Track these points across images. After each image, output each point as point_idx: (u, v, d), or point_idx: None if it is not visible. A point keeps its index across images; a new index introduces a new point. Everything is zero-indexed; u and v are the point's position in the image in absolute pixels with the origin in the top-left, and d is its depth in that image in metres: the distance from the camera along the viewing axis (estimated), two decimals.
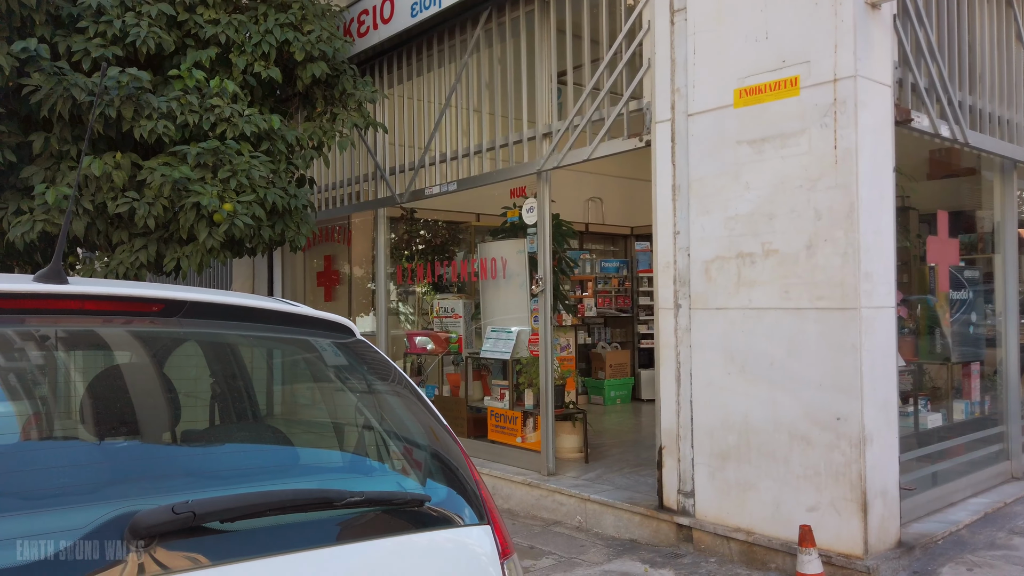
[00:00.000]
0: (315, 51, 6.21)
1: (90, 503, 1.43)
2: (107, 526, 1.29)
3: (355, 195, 8.31)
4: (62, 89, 5.29)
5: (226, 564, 1.36)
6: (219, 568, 1.35)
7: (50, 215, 5.45)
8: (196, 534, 1.35)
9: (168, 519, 1.29)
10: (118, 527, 1.28)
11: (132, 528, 1.27)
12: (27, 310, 1.65)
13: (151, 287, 1.89)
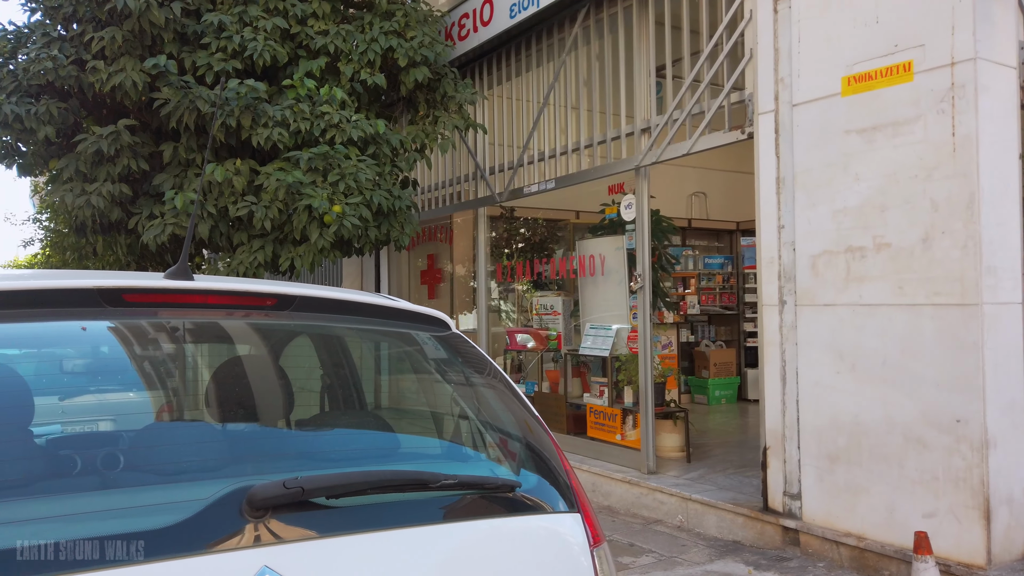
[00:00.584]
0: (417, 56, 6.41)
1: (213, 479, 1.57)
2: (227, 499, 1.41)
3: (456, 195, 8.50)
4: (188, 102, 5.71)
5: (330, 537, 1.46)
6: (324, 540, 1.45)
7: (179, 219, 5.88)
8: (304, 508, 1.46)
9: (279, 493, 1.40)
10: (236, 500, 1.40)
11: (249, 500, 1.39)
12: (159, 304, 1.82)
13: (265, 283, 2.05)
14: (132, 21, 5.67)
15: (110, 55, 5.82)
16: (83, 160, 6.00)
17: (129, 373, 1.88)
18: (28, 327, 1.70)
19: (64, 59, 5.82)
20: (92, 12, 5.80)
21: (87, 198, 6.01)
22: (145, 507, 1.48)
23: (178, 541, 1.35)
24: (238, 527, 1.38)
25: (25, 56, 6.17)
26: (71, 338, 1.82)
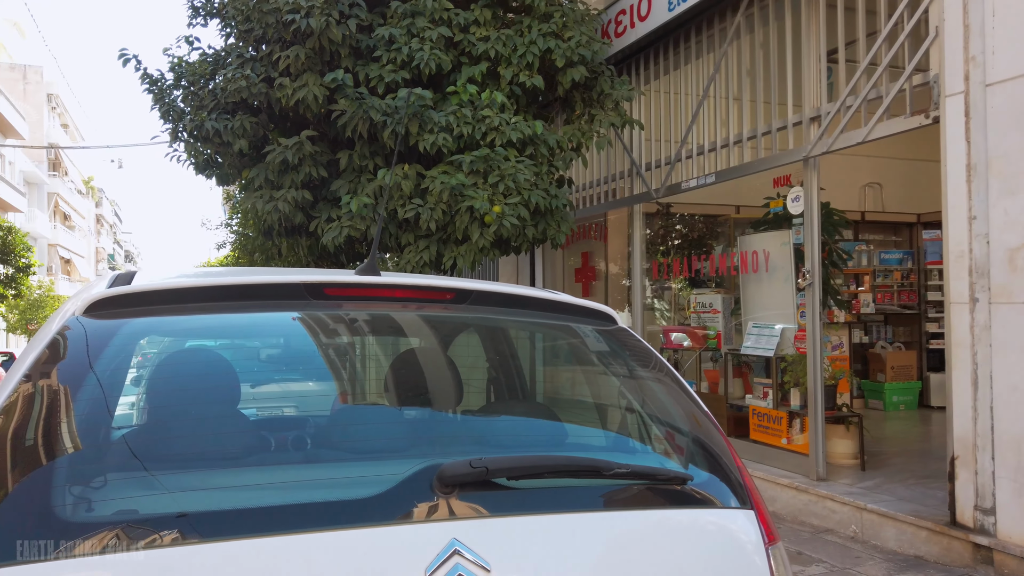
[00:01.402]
0: (575, 56, 6.47)
1: (402, 457, 1.70)
2: (419, 475, 1.53)
3: (611, 193, 8.48)
4: (362, 112, 6.10)
5: (507, 516, 1.54)
6: (503, 519, 1.53)
7: (354, 221, 6.30)
8: (486, 488, 1.54)
9: (467, 472, 1.50)
10: (428, 476, 1.51)
11: (439, 477, 1.49)
12: (354, 297, 1.98)
13: (444, 279, 2.19)
14: (313, 39, 6.14)
15: (294, 72, 6.33)
16: (271, 169, 6.58)
17: (330, 360, 2.07)
18: (245, 317, 1.91)
19: (255, 77, 6.41)
20: (278, 33, 6.34)
21: (275, 204, 6.58)
22: (344, 480, 1.63)
23: (377, 511, 1.48)
24: (430, 501, 1.49)
25: (222, 76, 6.86)
26: (281, 327, 2.02)
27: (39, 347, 1.60)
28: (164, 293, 1.79)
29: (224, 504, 1.48)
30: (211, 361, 1.92)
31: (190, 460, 1.62)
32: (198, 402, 1.79)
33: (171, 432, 1.69)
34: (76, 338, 1.62)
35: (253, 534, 1.39)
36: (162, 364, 1.81)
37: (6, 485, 1.36)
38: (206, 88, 6.99)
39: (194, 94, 6.93)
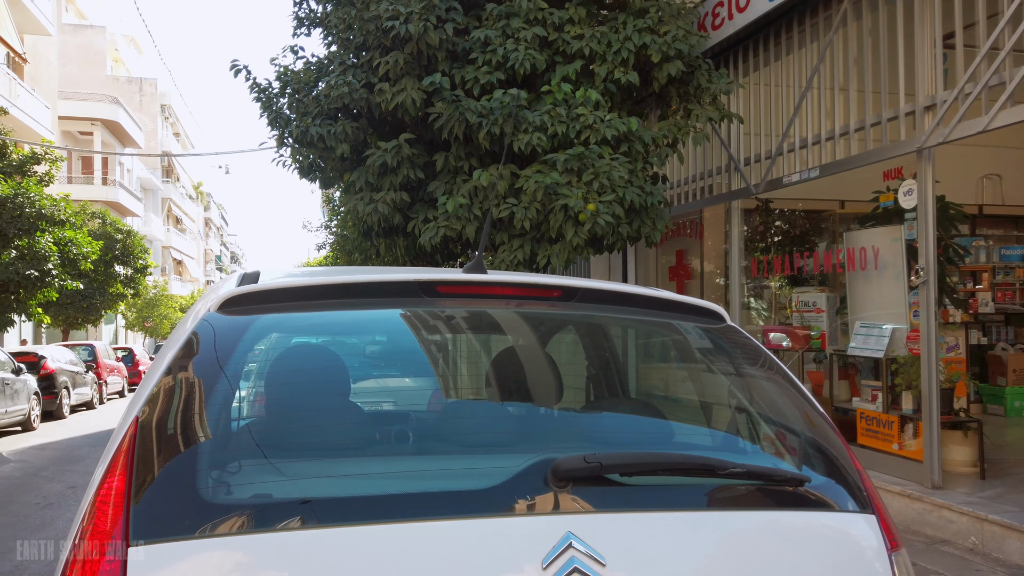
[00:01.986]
0: (671, 51, 6.37)
1: (515, 452, 1.73)
2: (533, 468, 1.55)
3: (707, 189, 8.30)
4: (458, 114, 6.21)
5: (620, 512, 1.54)
6: (617, 514, 1.53)
7: (450, 222, 6.42)
8: (598, 483, 1.55)
9: (581, 466, 1.51)
10: (542, 470, 1.53)
11: (553, 471, 1.50)
12: (465, 294, 2.03)
13: (551, 277, 2.21)
14: (411, 44, 6.29)
15: (393, 77, 6.51)
16: (371, 172, 6.78)
17: (441, 355, 2.12)
18: (363, 314, 1.99)
19: (357, 83, 6.62)
20: (378, 39, 6.53)
21: (374, 206, 6.78)
22: (459, 471, 1.67)
23: (492, 502, 1.51)
24: (543, 494, 1.51)
25: (324, 83, 7.12)
26: (397, 323, 2.09)
27: (180, 341, 1.71)
28: (289, 291, 1.89)
29: (349, 491, 1.55)
30: (332, 355, 2.01)
31: (316, 449, 1.70)
32: (322, 394, 1.88)
33: (299, 422, 1.78)
34: (212, 332, 1.73)
35: (376, 520, 1.45)
36: (289, 357, 1.91)
37: (153, 469, 1.46)
38: (310, 95, 7.28)
39: (299, 101, 7.23)
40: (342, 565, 1.39)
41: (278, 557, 1.38)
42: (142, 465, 1.44)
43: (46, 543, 5.42)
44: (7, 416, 13.34)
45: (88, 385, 18.33)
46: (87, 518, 1.41)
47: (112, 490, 1.42)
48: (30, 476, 9.63)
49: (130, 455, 1.45)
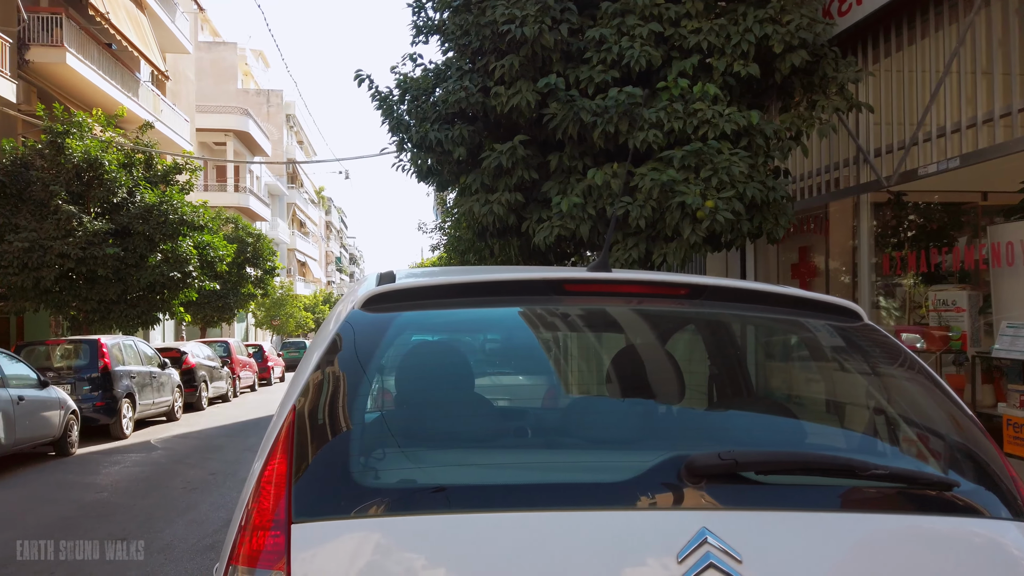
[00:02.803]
0: (794, 40, 6.14)
1: (645, 448, 1.76)
2: (667, 464, 1.57)
3: (832, 182, 7.92)
4: (572, 114, 6.23)
5: (754, 510, 1.51)
6: (750, 512, 1.51)
7: (564, 221, 6.45)
8: (732, 480, 1.54)
9: (716, 463, 1.50)
10: (675, 466, 1.54)
11: (687, 467, 1.51)
12: (591, 292, 2.06)
13: (676, 275, 2.19)
14: (527, 47, 6.37)
15: (508, 80, 6.61)
16: (486, 174, 6.92)
17: (570, 351, 2.16)
18: (494, 311, 2.06)
19: (473, 88, 6.77)
20: (494, 43, 6.65)
21: (490, 207, 6.91)
22: (592, 464, 1.70)
23: (626, 496, 1.53)
24: (678, 490, 1.52)
25: (442, 89, 7.32)
26: (527, 320, 2.15)
27: (328, 337, 1.82)
28: (425, 289, 1.98)
29: (487, 480, 1.62)
30: (466, 350, 2.09)
31: (453, 439, 1.79)
32: (456, 388, 1.97)
33: (436, 414, 1.87)
34: (356, 329, 1.83)
35: (514, 508, 1.50)
36: (426, 352, 2.01)
37: (310, 455, 1.57)
38: (428, 101, 7.50)
39: (418, 108, 7.46)
40: (482, 549, 1.45)
41: (423, 539, 1.46)
42: (300, 451, 1.56)
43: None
44: (154, 407, 14.51)
45: (223, 379, 19.64)
46: (252, 498, 1.54)
47: (275, 473, 1.54)
48: (175, 462, 10.44)
49: (289, 442, 1.58)
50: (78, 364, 12.78)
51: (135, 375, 13.48)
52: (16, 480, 9.17)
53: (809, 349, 2.36)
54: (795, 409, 2.40)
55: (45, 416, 10.30)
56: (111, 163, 15.21)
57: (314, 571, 1.43)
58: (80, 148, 14.84)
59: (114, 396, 12.58)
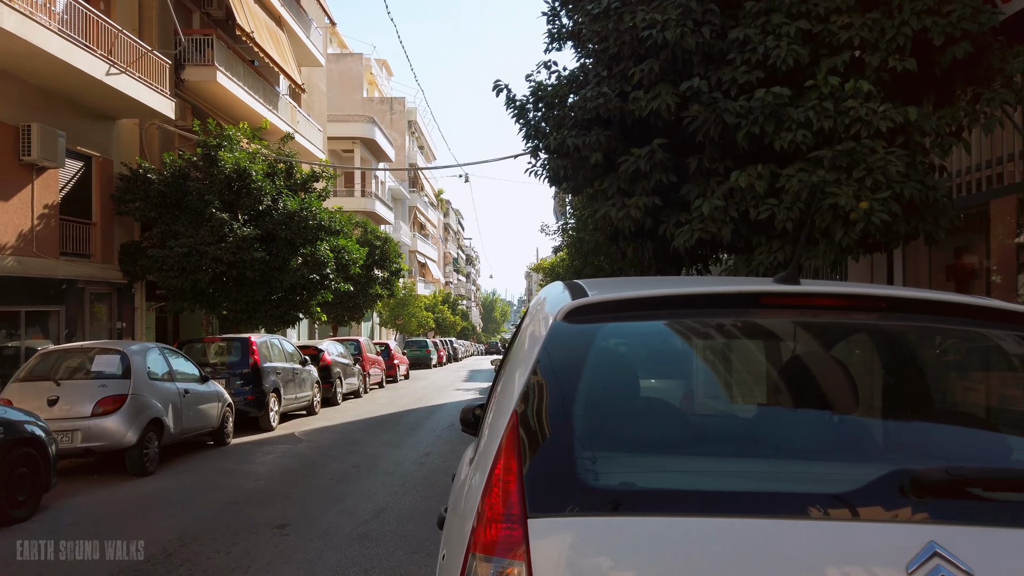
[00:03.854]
0: (956, 32, 5.81)
1: (862, 460, 1.79)
2: (889, 477, 1.60)
3: (995, 178, 7.41)
4: (715, 116, 6.16)
5: (983, 526, 1.50)
6: (979, 528, 1.50)
7: (705, 224, 6.39)
8: (957, 495, 1.54)
9: (943, 479, 1.52)
10: (899, 479, 1.56)
11: (914, 481, 1.53)
12: (786, 305, 2.08)
13: (873, 288, 2.17)
14: (667, 51, 6.36)
15: (647, 84, 6.61)
16: (623, 178, 6.95)
17: (767, 363, 2.19)
18: (691, 323, 2.13)
19: (611, 93, 6.82)
20: (632, 49, 6.67)
21: (627, 211, 6.94)
22: (813, 475, 1.74)
23: (850, 506, 1.57)
24: (902, 503, 1.54)
25: (578, 95, 7.41)
26: (723, 332, 2.20)
27: (537, 346, 1.94)
28: (623, 302, 2.07)
29: (708, 486, 1.70)
30: (668, 361, 2.17)
31: (662, 445, 1.88)
32: (661, 397, 2.06)
33: (645, 421, 1.97)
34: (565, 339, 1.95)
35: (735, 515, 1.57)
36: (630, 362, 2.11)
37: (537, 455, 1.69)
38: (564, 108, 7.61)
39: (553, 115, 7.59)
40: (709, 552, 1.53)
41: (651, 539, 1.56)
42: (526, 452, 1.69)
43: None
44: (296, 401, 15.43)
45: (355, 376, 20.60)
46: (486, 494, 1.68)
47: (505, 471, 1.68)
48: (320, 455, 11.08)
49: (515, 443, 1.71)
50: (230, 360, 13.80)
51: (280, 371, 14.40)
52: (183, 467, 10.03)
53: (998, 359, 2.29)
54: (993, 422, 2.33)
55: (206, 408, 11.19)
56: (257, 173, 16.30)
57: (553, 563, 1.55)
58: (231, 160, 16.00)
59: (263, 391, 13.49)
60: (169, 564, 5.64)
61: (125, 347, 9.90)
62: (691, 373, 2.29)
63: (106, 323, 15.99)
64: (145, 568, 5.55)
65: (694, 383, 2.27)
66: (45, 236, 13.86)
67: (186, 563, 5.67)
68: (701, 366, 2.33)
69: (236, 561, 5.72)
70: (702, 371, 2.32)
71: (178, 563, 5.67)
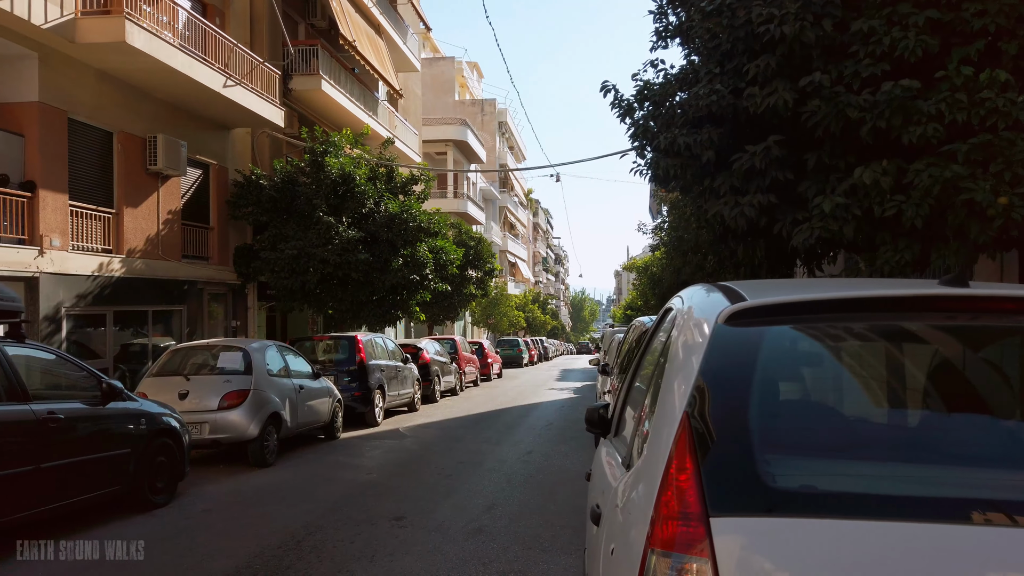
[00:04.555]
0: None
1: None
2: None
3: None
4: (836, 111, 5.98)
5: None
6: None
7: (826, 222, 6.21)
8: None
9: None
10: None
11: None
12: (963, 310, 2.03)
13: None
14: (784, 46, 6.22)
15: (762, 80, 6.48)
16: (736, 176, 6.83)
17: (929, 366, 2.15)
18: (858, 327, 2.11)
19: (724, 90, 6.72)
20: (747, 45, 6.56)
21: (740, 209, 6.82)
22: (975, 481, 1.72)
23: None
24: None
25: (688, 93, 7.33)
26: (892, 337, 2.17)
27: (699, 350, 1.97)
28: (786, 305, 2.07)
29: (882, 489, 1.71)
30: (837, 364, 2.16)
31: (837, 449, 1.88)
32: (831, 401, 2.05)
33: (819, 423, 1.97)
34: (729, 342, 1.97)
35: (931, 520, 1.57)
36: (799, 365, 2.11)
37: (713, 455, 1.73)
38: (672, 106, 7.55)
39: (662, 113, 7.54)
40: (903, 557, 1.52)
41: (829, 541, 1.57)
42: (700, 452, 1.73)
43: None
44: (399, 398, 15.88)
45: (452, 374, 21.00)
46: (660, 492, 1.73)
47: (679, 470, 1.72)
48: (425, 450, 11.38)
49: (688, 443, 1.75)
50: (338, 358, 14.33)
51: (384, 369, 14.85)
52: (299, 459, 10.51)
53: None
54: None
55: (318, 404, 11.69)
56: (360, 177, 16.87)
57: (738, 561, 1.59)
58: (336, 165, 16.61)
59: (368, 387, 13.96)
60: (299, 551, 5.94)
61: (246, 344, 10.46)
62: (857, 377, 2.26)
63: (222, 321, 16.91)
64: (277, 554, 5.87)
65: (860, 387, 2.25)
66: (169, 240, 14.79)
67: (314, 550, 5.96)
68: (866, 370, 2.30)
69: (360, 550, 5.96)
70: (867, 375, 2.29)
71: (307, 550, 5.96)
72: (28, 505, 5.84)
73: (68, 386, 6.85)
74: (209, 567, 5.59)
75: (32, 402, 5.99)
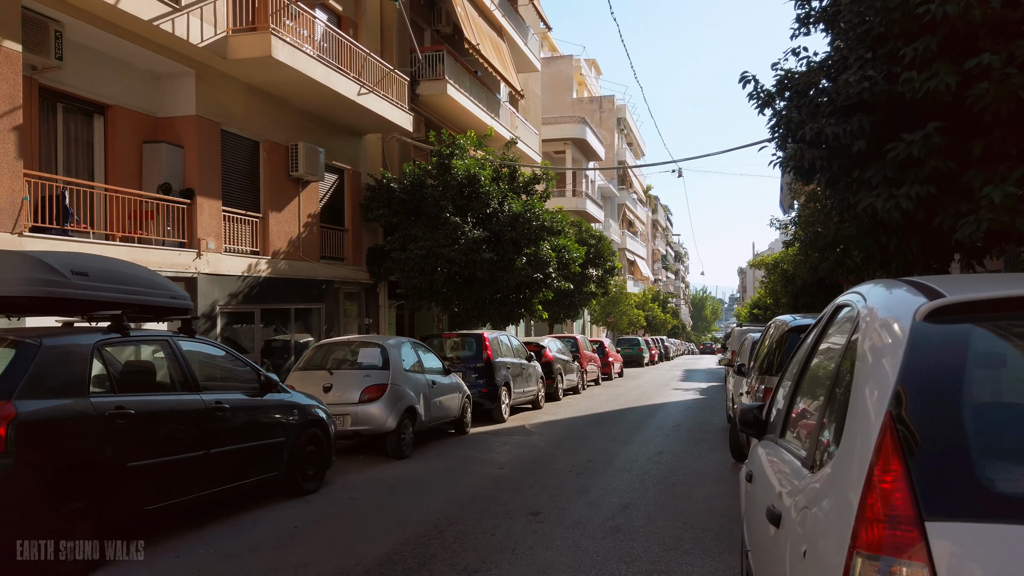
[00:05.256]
0: None
1: None
2: None
3: None
4: (1008, 93, 5.53)
5: None
6: None
7: (996, 213, 5.76)
8: None
9: None
10: None
11: None
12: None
13: None
14: (946, 26, 5.81)
15: (920, 63, 6.09)
16: (890, 166, 6.45)
17: None
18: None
19: (877, 76, 6.36)
20: (903, 27, 6.17)
21: (895, 201, 6.43)
22: None
23: None
24: None
25: (831, 81, 6.99)
26: None
27: (897, 349, 1.87)
28: (993, 302, 1.95)
29: None
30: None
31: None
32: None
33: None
34: (932, 340, 1.87)
35: None
36: (1011, 365, 1.98)
37: (922, 459, 1.65)
38: (816, 95, 7.22)
39: (807, 103, 7.22)
40: None
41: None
42: (908, 453, 1.65)
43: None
44: (523, 395, 16.06)
45: (574, 372, 21.01)
46: (866, 493, 1.67)
47: (883, 472, 1.66)
48: (552, 447, 11.44)
49: (894, 444, 1.68)
50: (465, 355, 14.66)
51: (509, 366, 15.07)
52: (433, 452, 10.84)
53: None
54: None
55: (449, 399, 12.01)
56: (485, 178, 17.18)
57: (959, 567, 1.52)
58: (462, 167, 17.00)
59: (495, 384, 14.21)
60: (442, 540, 6.13)
61: (384, 341, 10.90)
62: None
63: (355, 319, 17.69)
64: (423, 542, 6.09)
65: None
66: (309, 242, 15.63)
67: (457, 540, 6.13)
68: None
69: (501, 543, 6.08)
70: None
71: (450, 540, 6.14)
72: (200, 487, 6.35)
73: (231, 378, 7.38)
74: (361, 552, 5.87)
75: (202, 392, 6.50)
